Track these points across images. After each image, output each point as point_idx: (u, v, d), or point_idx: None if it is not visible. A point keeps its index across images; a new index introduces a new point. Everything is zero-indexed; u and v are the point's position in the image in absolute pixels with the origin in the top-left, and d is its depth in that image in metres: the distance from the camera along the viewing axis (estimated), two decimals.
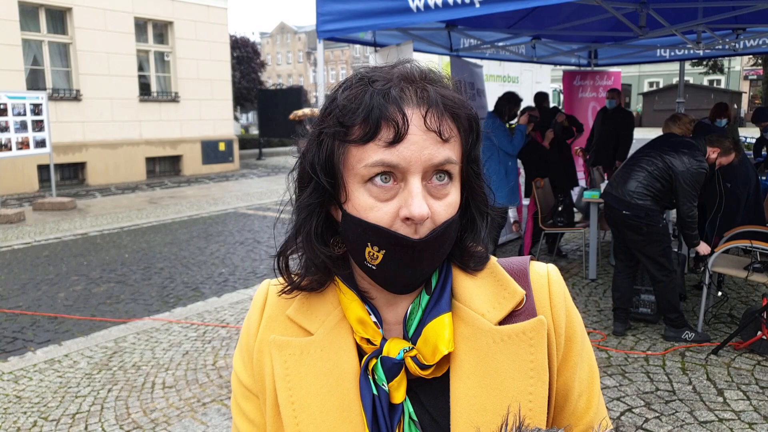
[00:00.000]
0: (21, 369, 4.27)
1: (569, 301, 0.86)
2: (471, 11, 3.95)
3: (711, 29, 6.45)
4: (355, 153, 0.75)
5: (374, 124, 0.73)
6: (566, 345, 0.83)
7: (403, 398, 0.79)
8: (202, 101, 17.25)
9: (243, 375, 0.89)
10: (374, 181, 0.74)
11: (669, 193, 4.45)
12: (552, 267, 0.88)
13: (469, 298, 0.82)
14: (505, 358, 0.78)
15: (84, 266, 7.13)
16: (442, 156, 0.74)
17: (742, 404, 3.57)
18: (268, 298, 0.90)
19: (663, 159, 4.44)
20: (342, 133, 0.75)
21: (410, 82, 0.76)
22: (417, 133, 0.73)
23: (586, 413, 0.86)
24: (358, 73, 0.80)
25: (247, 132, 34.24)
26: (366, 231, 0.75)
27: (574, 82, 9.15)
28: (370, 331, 0.80)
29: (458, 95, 0.79)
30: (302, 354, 0.82)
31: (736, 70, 42.65)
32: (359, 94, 0.75)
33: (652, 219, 4.42)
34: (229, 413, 3.57)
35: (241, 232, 9.14)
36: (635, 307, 4.92)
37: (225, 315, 5.32)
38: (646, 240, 4.46)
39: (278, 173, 17.65)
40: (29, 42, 13.90)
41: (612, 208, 4.62)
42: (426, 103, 0.74)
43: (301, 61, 77.01)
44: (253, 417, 0.88)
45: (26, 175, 13.62)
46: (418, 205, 0.72)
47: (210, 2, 17.30)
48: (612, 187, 4.67)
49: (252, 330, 0.88)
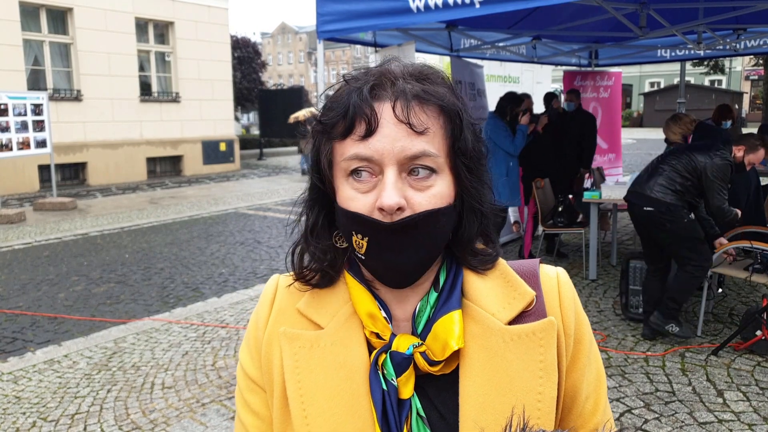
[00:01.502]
0: (20, 369, 4.27)
1: (578, 304, 0.87)
2: (471, 11, 3.95)
3: (712, 29, 6.44)
4: (337, 148, 0.79)
5: (350, 120, 0.76)
6: (575, 347, 0.84)
7: (411, 393, 0.79)
8: (203, 101, 17.26)
9: (250, 368, 0.89)
10: (353, 176, 0.77)
11: (694, 189, 4.32)
12: (561, 270, 0.89)
13: (479, 297, 0.83)
14: (514, 358, 0.79)
15: (84, 266, 7.13)
16: (416, 148, 0.75)
17: (742, 405, 3.56)
18: (278, 292, 0.90)
19: (687, 155, 4.33)
20: (326, 131, 0.80)
21: (386, 77, 0.79)
22: (387, 126, 0.75)
23: (593, 416, 0.86)
24: (344, 74, 0.83)
25: (248, 132, 34.25)
26: (349, 220, 0.78)
27: (575, 82, 9.14)
28: (379, 326, 0.81)
29: (441, 88, 0.79)
30: (312, 347, 0.82)
31: (737, 70, 42.59)
32: (341, 94, 0.80)
33: (675, 214, 4.28)
34: (228, 414, 3.57)
35: (241, 232, 9.14)
36: (635, 307, 4.91)
37: (225, 315, 5.32)
38: (671, 237, 4.33)
39: (279, 173, 17.66)
40: (30, 42, 13.92)
41: (634, 205, 4.50)
42: (395, 96, 0.76)
43: (302, 61, 77.04)
44: (258, 410, 0.88)
45: (27, 175, 13.63)
46: (389, 195, 0.74)
47: (211, 2, 17.31)
48: (634, 186, 4.56)
49: (261, 322, 0.88)
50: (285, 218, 10.26)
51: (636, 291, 4.92)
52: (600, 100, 9.31)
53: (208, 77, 17.33)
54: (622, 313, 5.04)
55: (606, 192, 5.92)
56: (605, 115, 9.43)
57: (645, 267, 4.85)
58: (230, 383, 3.98)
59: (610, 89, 9.43)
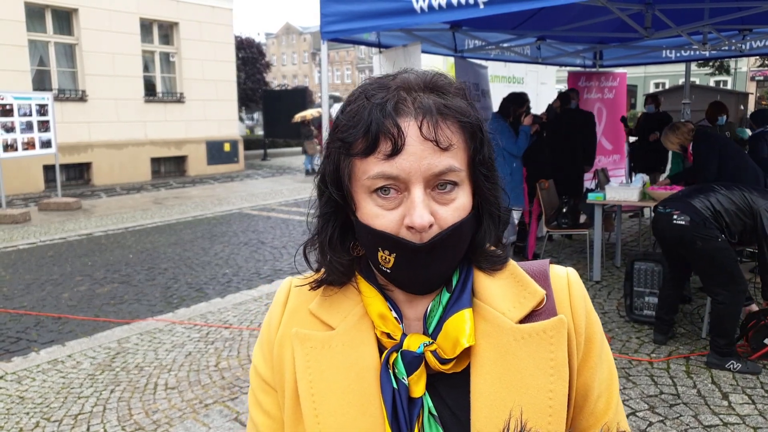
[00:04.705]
0: (24, 369, 4.27)
1: (589, 303, 0.88)
2: (475, 12, 3.93)
3: (717, 30, 6.41)
4: (359, 165, 0.78)
5: (373, 139, 0.76)
6: (586, 346, 0.85)
7: (422, 392, 0.80)
8: (207, 102, 17.28)
9: (262, 368, 0.90)
10: (378, 192, 0.77)
11: (736, 223, 3.93)
12: (572, 270, 0.90)
13: (489, 296, 0.84)
14: (525, 356, 0.80)
15: (88, 266, 7.15)
16: (442, 165, 0.76)
17: (747, 408, 3.54)
18: (291, 293, 0.92)
19: (740, 189, 4.00)
20: (345, 148, 0.79)
21: (408, 92, 0.78)
22: (414, 144, 0.75)
23: (605, 414, 0.86)
24: (360, 86, 0.82)
25: (252, 132, 34.27)
26: (375, 237, 0.78)
27: (580, 83, 9.11)
28: (390, 326, 0.82)
29: (462, 102, 0.80)
30: (324, 347, 0.84)
31: (742, 71, 42.41)
32: (359, 110, 0.78)
33: (708, 231, 3.88)
34: (231, 415, 3.57)
35: (245, 232, 9.15)
36: (639, 309, 4.89)
37: (228, 316, 5.32)
38: (702, 257, 3.96)
39: (283, 174, 17.67)
40: (35, 43, 13.96)
41: (661, 218, 4.12)
42: (422, 113, 0.76)
43: (306, 61, 77.09)
44: (270, 410, 0.89)
45: (32, 175, 13.66)
46: (419, 215, 0.75)
47: (215, 3, 17.33)
48: (666, 201, 4.22)
49: (273, 324, 0.90)
50: (289, 219, 10.26)
51: (640, 293, 4.90)
52: (604, 101, 9.28)
53: (213, 78, 17.35)
54: (627, 315, 5.02)
55: (610, 193, 5.90)
56: (610, 116, 9.40)
57: (660, 270, 4.78)
58: (233, 384, 3.98)
59: (615, 90, 9.40)
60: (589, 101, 9.15)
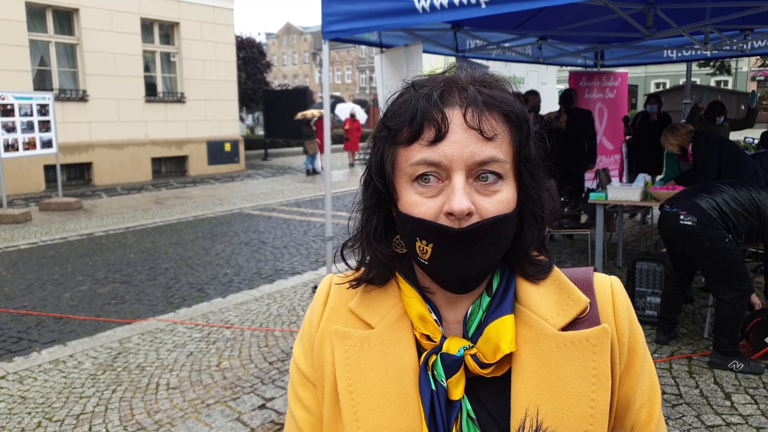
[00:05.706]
0: (26, 369, 4.27)
1: (632, 312, 0.87)
2: (477, 12, 3.93)
3: (718, 30, 6.41)
4: (402, 153, 0.79)
5: (418, 125, 0.77)
6: (629, 356, 0.85)
7: (461, 395, 0.80)
8: (208, 102, 17.29)
9: (302, 363, 0.91)
10: (419, 181, 0.78)
11: (743, 223, 3.93)
12: (615, 279, 0.89)
13: (532, 302, 0.83)
14: (567, 363, 0.79)
15: (89, 266, 7.15)
16: (485, 154, 0.76)
17: (750, 408, 3.53)
18: (331, 291, 0.92)
19: (746, 189, 3.99)
20: (391, 136, 0.80)
21: (454, 84, 0.79)
22: (458, 131, 0.76)
23: (647, 426, 0.86)
24: (410, 81, 0.84)
25: (253, 132, 34.28)
26: (414, 226, 0.78)
27: (581, 83, 9.11)
28: (430, 328, 0.82)
29: (508, 96, 0.81)
30: (363, 346, 0.84)
31: (743, 71, 42.43)
32: (408, 100, 0.80)
33: (715, 232, 3.87)
34: (233, 415, 3.57)
35: (246, 232, 9.15)
36: (641, 309, 4.89)
37: (229, 316, 5.32)
38: (708, 257, 3.94)
39: (284, 174, 17.67)
40: (36, 43, 13.96)
41: (669, 217, 4.10)
42: (467, 102, 0.77)
43: (306, 61, 77.10)
44: (310, 405, 0.90)
45: (33, 175, 13.67)
46: (459, 199, 0.74)
47: (216, 3, 17.33)
48: (671, 200, 4.22)
49: (314, 320, 0.90)
50: (290, 219, 10.26)
51: (642, 293, 4.90)
52: (606, 101, 9.27)
53: (213, 78, 17.35)
54: None
55: (612, 193, 5.89)
56: (611, 116, 9.39)
57: (662, 270, 4.77)
58: (235, 384, 3.98)
59: (616, 90, 9.39)
60: (590, 101, 9.15)
